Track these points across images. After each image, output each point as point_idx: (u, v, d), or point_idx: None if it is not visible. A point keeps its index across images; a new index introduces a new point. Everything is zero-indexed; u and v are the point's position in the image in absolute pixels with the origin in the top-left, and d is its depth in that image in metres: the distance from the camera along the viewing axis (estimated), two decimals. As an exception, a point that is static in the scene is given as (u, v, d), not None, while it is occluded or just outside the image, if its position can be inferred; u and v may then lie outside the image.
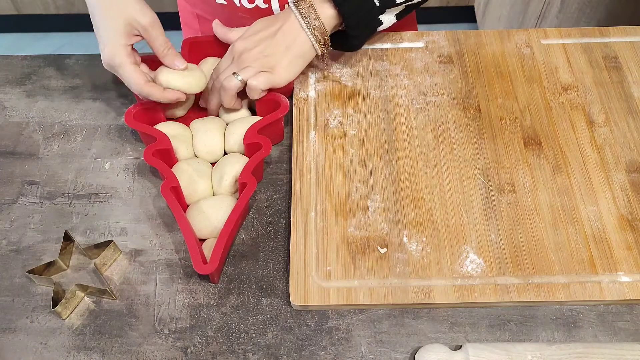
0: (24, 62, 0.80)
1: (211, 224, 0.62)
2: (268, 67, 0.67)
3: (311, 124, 0.70)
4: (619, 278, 0.59)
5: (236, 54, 0.68)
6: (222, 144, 0.68)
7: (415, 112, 0.71)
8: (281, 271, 0.62)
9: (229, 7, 0.81)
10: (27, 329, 0.59)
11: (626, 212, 0.63)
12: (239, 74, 0.66)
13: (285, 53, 0.67)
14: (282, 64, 0.67)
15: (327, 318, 0.59)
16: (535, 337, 0.57)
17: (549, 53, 0.76)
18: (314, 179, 0.66)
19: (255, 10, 0.80)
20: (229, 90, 0.66)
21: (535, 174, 0.66)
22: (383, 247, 0.61)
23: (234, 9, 0.81)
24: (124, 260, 0.63)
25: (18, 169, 0.70)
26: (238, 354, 0.57)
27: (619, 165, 0.66)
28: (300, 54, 0.67)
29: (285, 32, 0.67)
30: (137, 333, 0.58)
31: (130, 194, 0.67)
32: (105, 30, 0.64)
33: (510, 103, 0.72)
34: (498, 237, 0.61)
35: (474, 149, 0.68)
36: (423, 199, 0.64)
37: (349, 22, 0.67)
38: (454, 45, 0.77)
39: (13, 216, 0.66)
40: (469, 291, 0.58)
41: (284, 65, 0.67)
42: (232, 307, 0.59)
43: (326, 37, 0.67)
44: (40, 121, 0.74)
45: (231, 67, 0.68)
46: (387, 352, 0.57)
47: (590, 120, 0.70)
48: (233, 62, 0.68)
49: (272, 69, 0.67)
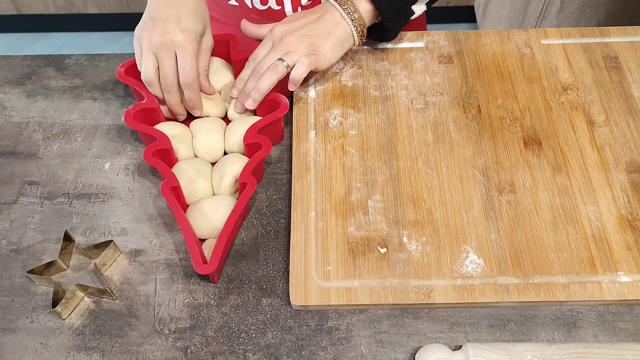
0: (24, 62, 0.80)
1: (211, 224, 0.62)
2: (312, 49, 0.67)
3: (311, 124, 0.70)
4: (619, 278, 0.59)
5: (277, 38, 0.68)
6: (222, 144, 0.69)
7: (415, 112, 0.71)
8: (281, 271, 0.62)
9: (241, 8, 0.81)
10: (27, 329, 0.59)
11: (626, 212, 0.63)
12: (285, 59, 0.66)
13: (328, 37, 0.68)
14: (325, 47, 0.67)
15: (327, 318, 0.59)
16: (535, 337, 0.57)
17: (549, 53, 0.76)
18: (314, 179, 0.66)
19: (268, 11, 0.80)
20: (276, 76, 0.66)
21: (535, 174, 0.66)
22: (383, 247, 0.61)
23: (246, 11, 0.81)
24: (124, 260, 0.63)
25: (18, 169, 0.70)
26: (238, 354, 0.57)
27: (619, 165, 0.66)
28: (341, 41, 0.69)
29: (327, 19, 0.68)
30: (137, 333, 0.58)
31: (130, 194, 0.67)
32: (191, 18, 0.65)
33: (510, 103, 0.72)
34: (498, 237, 0.61)
35: (474, 149, 0.68)
36: (423, 199, 0.64)
37: (386, 16, 0.69)
38: (454, 45, 0.77)
39: (13, 216, 0.66)
40: (469, 291, 0.58)
41: (327, 48, 0.68)
42: (232, 307, 0.59)
43: (364, 29, 0.69)
44: (40, 121, 0.74)
45: (273, 52, 0.67)
46: (387, 352, 0.57)
47: (590, 120, 0.70)
48: (274, 47, 0.67)
49: (316, 52, 0.67)
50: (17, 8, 2.00)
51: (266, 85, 0.66)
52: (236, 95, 0.70)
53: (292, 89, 0.68)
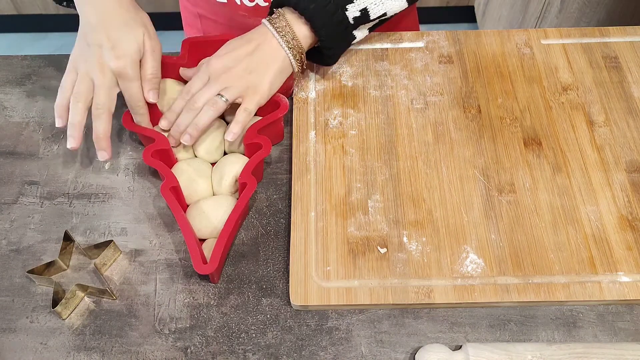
0: (24, 62, 0.80)
1: (211, 224, 0.62)
2: (252, 85, 0.65)
3: (311, 124, 0.70)
4: (619, 278, 0.59)
5: (214, 73, 0.65)
6: (222, 144, 0.68)
7: (415, 112, 0.71)
8: (281, 271, 0.62)
9: (230, 5, 0.81)
10: (27, 329, 0.59)
11: (626, 212, 0.63)
12: (224, 95, 0.64)
13: (267, 71, 0.65)
14: (264, 82, 0.65)
15: (327, 318, 0.59)
16: (535, 337, 0.57)
17: (549, 53, 0.76)
18: (314, 179, 0.66)
19: (255, 8, 0.80)
20: (214, 113, 0.64)
21: (535, 174, 0.66)
22: (383, 247, 0.61)
23: (235, 8, 0.81)
24: (124, 260, 0.63)
25: (18, 169, 0.70)
26: (238, 354, 0.57)
27: (619, 165, 0.66)
28: (280, 71, 0.66)
29: (265, 50, 0.65)
30: (137, 333, 0.58)
31: (130, 194, 0.67)
32: (124, 40, 0.63)
33: (510, 103, 0.72)
34: (498, 237, 0.61)
35: (474, 149, 0.68)
36: (423, 199, 0.64)
37: (325, 42, 0.67)
38: (454, 45, 0.77)
39: (13, 216, 0.66)
40: (469, 291, 0.58)
41: (266, 83, 0.65)
42: (232, 307, 0.59)
43: (303, 55, 0.67)
44: (40, 121, 0.74)
45: (210, 87, 0.64)
46: (387, 352, 0.57)
47: (590, 120, 0.70)
48: (210, 82, 0.65)
49: (255, 88, 0.65)
50: (17, 8, 2.00)
51: (205, 121, 0.64)
52: (166, 127, 0.67)
53: (230, 139, 0.64)
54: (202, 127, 0.64)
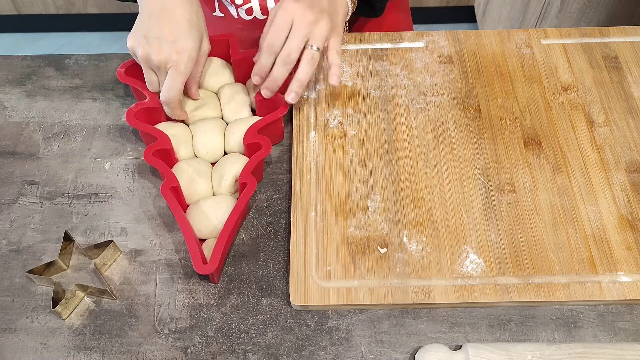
0: (24, 62, 0.80)
1: (211, 224, 0.62)
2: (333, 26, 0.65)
3: (311, 124, 0.70)
4: (619, 278, 0.59)
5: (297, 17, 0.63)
6: (222, 144, 0.68)
7: (415, 112, 0.71)
8: (281, 271, 0.62)
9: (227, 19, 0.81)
10: (27, 329, 0.59)
11: (626, 212, 0.63)
12: (313, 45, 0.64)
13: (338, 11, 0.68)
14: (339, 22, 0.68)
15: (327, 318, 0.59)
16: (535, 337, 0.57)
17: (549, 53, 0.76)
18: (314, 179, 0.66)
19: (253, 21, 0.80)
20: (312, 68, 0.64)
21: (535, 174, 0.66)
22: (383, 247, 0.61)
23: (232, 22, 0.81)
24: (124, 260, 0.63)
25: (18, 169, 0.70)
26: (238, 354, 0.57)
27: (619, 165, 0.66)
28: (345, 13, 0.70)
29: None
30: (137, 333, 0.58)
31: (130, 194, 0.67)
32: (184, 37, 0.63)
33: (510, 103, 0.72)
34: (498, 237, 0.61)
35: (474, 149, 0.68)
36: (423, 199, 0.64)
37: None
38: (454, 45, 0.77)
39: (13, 216, 0.66)
40: (469, 291, 0.58)
41: (341, 22, 0.68)
42: (232, 307, 0.59)
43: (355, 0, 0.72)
44: (40, 121, 0.74)
45: (297, 35, 0.63)
46: (387, 352, 0.57)
47: (590, 120, 0.70)
48: (295, 29, 0.63)
49: (336, 29, 0.66)
50: (17, 8, 2.00)
51: (306, 77, 0.65)
52: (259, 82, 0.67)
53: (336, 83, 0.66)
54: (305, 84, 0.65)
